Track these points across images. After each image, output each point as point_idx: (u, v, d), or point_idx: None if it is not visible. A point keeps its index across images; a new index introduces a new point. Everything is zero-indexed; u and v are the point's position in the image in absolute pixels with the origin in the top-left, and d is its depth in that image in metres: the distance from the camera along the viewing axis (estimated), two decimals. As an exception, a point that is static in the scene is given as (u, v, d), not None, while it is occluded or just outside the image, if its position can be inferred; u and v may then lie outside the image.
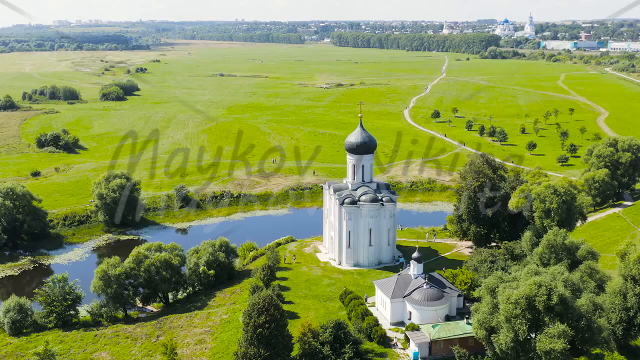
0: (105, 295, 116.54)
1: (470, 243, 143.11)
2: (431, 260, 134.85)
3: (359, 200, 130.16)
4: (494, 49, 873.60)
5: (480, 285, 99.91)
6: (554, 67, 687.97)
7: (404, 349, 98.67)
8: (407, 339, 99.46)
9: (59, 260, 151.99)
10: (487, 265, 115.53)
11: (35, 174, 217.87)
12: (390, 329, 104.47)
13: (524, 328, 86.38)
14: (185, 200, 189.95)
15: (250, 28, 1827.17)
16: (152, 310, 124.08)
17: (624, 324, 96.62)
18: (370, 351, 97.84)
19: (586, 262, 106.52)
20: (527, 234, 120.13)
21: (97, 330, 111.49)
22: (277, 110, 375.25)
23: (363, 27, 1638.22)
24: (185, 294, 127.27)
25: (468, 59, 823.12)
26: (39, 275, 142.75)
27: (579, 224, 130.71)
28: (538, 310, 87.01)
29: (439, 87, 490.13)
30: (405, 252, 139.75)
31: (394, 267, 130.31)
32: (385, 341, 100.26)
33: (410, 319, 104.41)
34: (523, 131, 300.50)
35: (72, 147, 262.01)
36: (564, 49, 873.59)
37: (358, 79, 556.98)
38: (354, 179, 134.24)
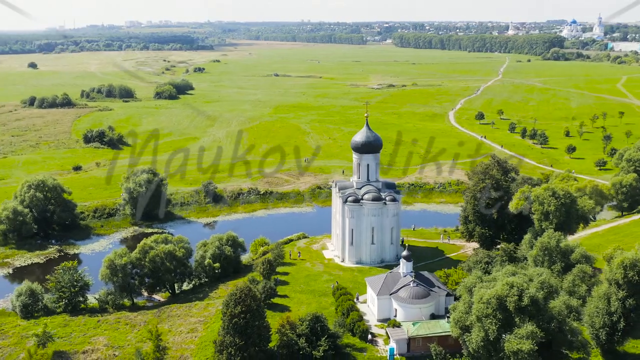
0: (112, 284, 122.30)
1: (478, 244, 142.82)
2: (435, 260, 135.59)
3: (361, 199, 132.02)
4: (557, 51, 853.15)
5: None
6: (617, 69, 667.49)
7: (386, 345, 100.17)
8: (388, 335, 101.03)
9: (83, 250, 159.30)
10: (481, 266, 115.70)
11: (77, 168, 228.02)
12: (376, 325, 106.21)
13: (494, 328, 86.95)
14: (213, 196, 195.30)
15: (314, 29, 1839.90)
16: (159, 300, 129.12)
17: (607, 329, 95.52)
18: (350, 346, 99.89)
19: (579, 265, 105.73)
20: (527, 237, 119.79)
21: (102, 316, 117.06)
22: (322, 110, 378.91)
23: (427, 27, 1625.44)
24: (191, 285, 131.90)
25: (529, 61, 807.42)
26: (59, 263, 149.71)
27: (586, 229, 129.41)
28: (509, 310, 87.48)
29: (491, 89, 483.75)
30: (414, 252, 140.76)
31: (396, 265, 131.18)
32: (366, 337, 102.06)
33: (395, 316, 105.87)
34: (567, 134, 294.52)
35: (116, 143, 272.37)
36: (632, 51, 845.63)
37: (411, 80, 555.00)
38: (359, 178, 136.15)
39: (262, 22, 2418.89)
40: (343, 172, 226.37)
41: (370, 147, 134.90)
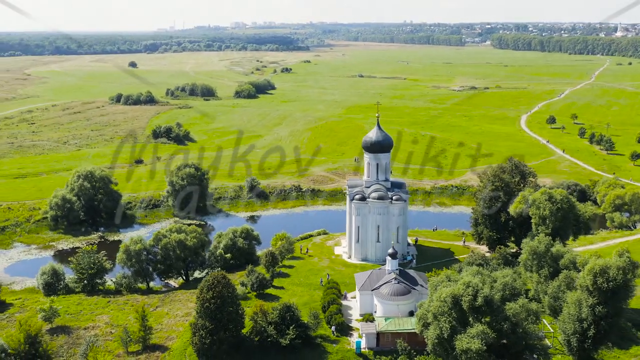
0: (127, 268, 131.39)
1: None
2: (442, 261, 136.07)
3: (368, 197, 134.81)
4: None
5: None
6: None
7: (360, 339, 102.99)
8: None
9: (122, 237, 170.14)
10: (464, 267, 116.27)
11: (139, 162, 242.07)
12: (356, 320, 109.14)
13: (447, 326, 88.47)
14: (255, 192, 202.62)
15: (413, 30, 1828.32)
16: (173, 286, 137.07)
17: (578, 336, 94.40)
18: (324, 337, 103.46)
19: (565, 271, 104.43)
20: (525, 241, 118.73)
21: (114, 297, 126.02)
22: (393, 111, 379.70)
23: (530, 28, 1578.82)
24: (204, 274, 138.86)
25: (630, 64, 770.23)
26: (101, 249, 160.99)
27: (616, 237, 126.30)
28: (464, 309, 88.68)
29: (577, 93, 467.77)
30: (425, 252, 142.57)
31: (401, 264, 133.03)
32: (343, 329, 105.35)
33: (376, 311, 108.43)
34: (639, 141, 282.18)
35: (182, 139, 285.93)
36: None
37: (496, 82, 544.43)
38: (369, 177, 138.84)
39: (364, 23, 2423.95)
40: (391, 172, 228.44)
41: (380, 146, 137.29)
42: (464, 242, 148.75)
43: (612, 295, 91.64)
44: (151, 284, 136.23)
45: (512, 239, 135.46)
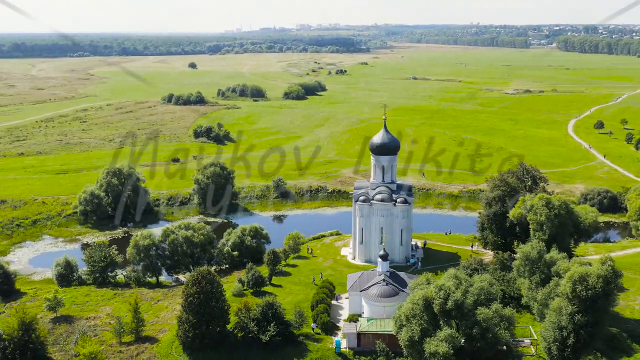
0: (136, 263, 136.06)
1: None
2: (445, 265, 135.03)
3: (372, 199, 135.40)
4: None
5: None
6: None
7: (340, 339, 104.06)
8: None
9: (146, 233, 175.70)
10: (466, 272, 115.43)
11: (175, 160, 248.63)
12: (343, 320, 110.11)
13: (417, 328, 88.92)
14: (281, 192, 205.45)
15: (478, 31, 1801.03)
16: (183, 280, 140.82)
17: (558, 344, 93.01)
18: (308, 335, 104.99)
19: (555, 279, 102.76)
20: (521, 246, 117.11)
21: (121, 290, 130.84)
22: (438, 114, 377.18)
23: (600, 30, 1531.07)
24: (213, 269, 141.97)
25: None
26: (124, 243, 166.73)
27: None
28: (435, 312, 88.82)
29: (635, 97, 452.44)
30: (432, 255, 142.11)
31: (405, 267, 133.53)
32: (328, 329, 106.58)
33: (363, 312, 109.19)
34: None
35: (221, 139, 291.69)
36: None
37: (553, 86, 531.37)
38: (375, 179, 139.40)
39: (429, 25, 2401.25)
40: (423, 175, 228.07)
41: (386, 149, 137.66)
42: (472, 246, 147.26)
43: (591, 303, 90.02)
44: (162, 278, 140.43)
45: (516, 244, 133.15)
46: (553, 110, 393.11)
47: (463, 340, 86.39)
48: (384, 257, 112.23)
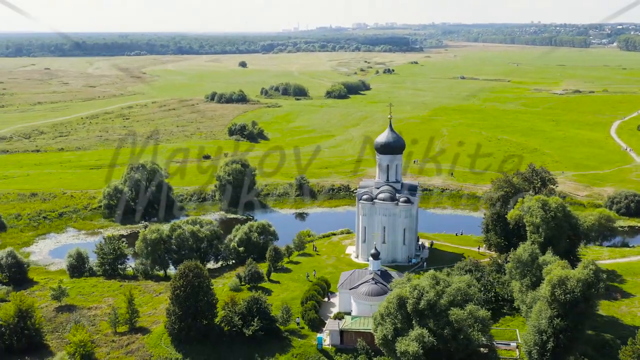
0: (144, 256, 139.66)
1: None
2: (448, 265, 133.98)
3: (375, 198, 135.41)
4: None
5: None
6: None
7: (321, 335, 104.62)
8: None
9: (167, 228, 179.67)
10: (461, 273, 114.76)
11: (206, 157, 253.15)
12: (330, 317, 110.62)
13: (390, 327, 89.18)
14: (303, 190, 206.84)
15: (537, 31, 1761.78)
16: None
17: (538, 347, 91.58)
18: (294, 331, 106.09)
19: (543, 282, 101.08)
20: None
21: (128, 282, 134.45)
22: (479, 114, 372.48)
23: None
24: (218, 265, 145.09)
25: None
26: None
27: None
28: (408, 311, 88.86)
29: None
30: (437, 256, 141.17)
31: (408, 266, 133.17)
32: (315, 325, 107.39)
33: (352, 310, 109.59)
34: None
35: (255, 136, 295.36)
36: None
37: (605, 86, 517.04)
38: (379, 178, 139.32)
39: (487, 24, 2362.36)
40: (452, 174, 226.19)
41: (390, 148, 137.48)
42: (479, 248, 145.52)
43: (571, 308, 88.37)
44: (170, 272, 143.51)
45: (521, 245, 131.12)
46: (599, 111, 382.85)
47: (434, 340, 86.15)
48: (375, 256, 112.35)
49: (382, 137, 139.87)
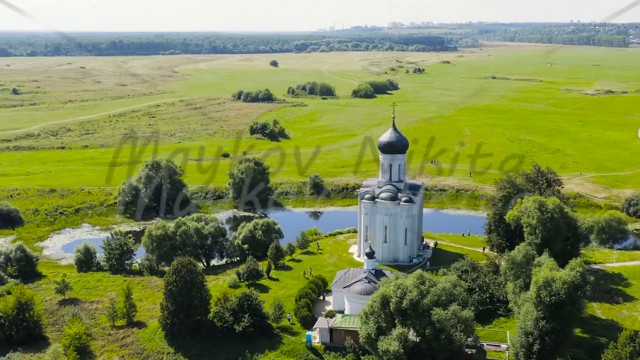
0: (150, 252, 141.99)
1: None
2: (448, 266, 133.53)
3: (377, 197, 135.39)
4: None
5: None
6: None
7: (310, 333, 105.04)
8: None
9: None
10: (457, 274, 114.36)
11: (225, 155, 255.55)
12: (322, 315, 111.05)
13: (373, 326, 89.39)
14: (317, 189, 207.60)
15: (575, 30, 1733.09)
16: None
17: (524, 350, 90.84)
18: (286, 328, 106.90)
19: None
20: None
21: (132, 277, 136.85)
22: (505, 114, 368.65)
23: None
24: (223, 261, 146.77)
25: None
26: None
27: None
28: (391, 311, 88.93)
29: None
30: (440, 256, 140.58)
31: (409, 266, 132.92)
32: (307, 323, 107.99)
33: (345, 309, 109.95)
34: None
35: (276, 135, 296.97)
36: None
37: (639, 87, 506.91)
38: (382, 177, 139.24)
39: (525, 23, 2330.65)
40: (470, 174, 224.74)
41: (393, 147, 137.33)
42: (484, 249, 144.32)
43: (556, 310, 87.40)
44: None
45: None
46: (630, 111, 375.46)
47: (415, 340, 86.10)
48: (370, 255, 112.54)
49: (385, 136, 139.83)
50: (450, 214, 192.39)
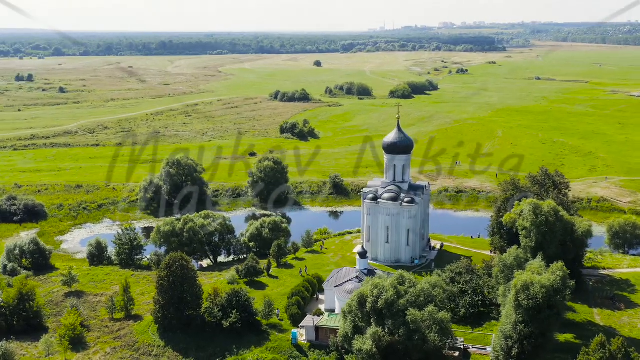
0: (158, 247, 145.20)
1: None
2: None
3: (380, 198, 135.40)
4: None
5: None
6: None
7: (296, 330, 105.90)
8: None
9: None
10: (448, 275, 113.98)
11: (252, 154, 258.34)
12: (311, 314, 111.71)
13: (350, 324, 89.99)
14: (336, 189, 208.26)
15: (632, 30, 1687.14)
16: (202, 266, 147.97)
17: (504, 353, 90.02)
18: (275, 325, 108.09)
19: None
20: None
21: (140, 272, 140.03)
22: (542, 115, 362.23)
23: None
24: (230, 258, 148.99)
25: None
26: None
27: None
28: (367, 310, 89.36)
29: None
30: (445, 257, 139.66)
31: (410, 267, 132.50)
32: (297, 320, 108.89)
33: (335, 307, 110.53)
34: None
35: (305, 135, 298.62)
36: None
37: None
38: (387, 178, 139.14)
39: (580, 22, 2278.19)
40: (497, 175, 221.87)
41: (397, 148, 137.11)
42: (492, 251, 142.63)
43: (535, 314, 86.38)
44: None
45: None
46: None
47: (389, 339, 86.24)
48: (362, 255, 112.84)
49: (390, 136, 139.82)
50: (469, 216, 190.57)
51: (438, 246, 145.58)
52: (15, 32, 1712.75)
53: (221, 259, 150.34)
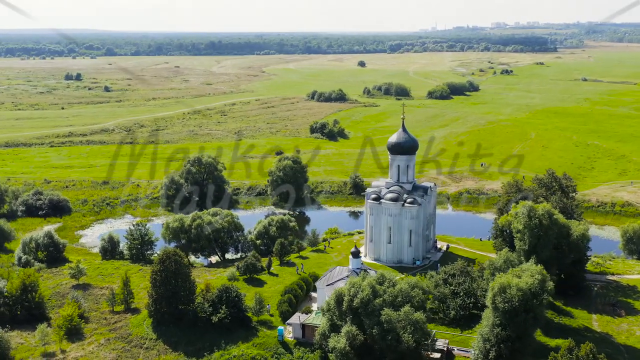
0: (167, 243, 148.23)
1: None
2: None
3: (382, 198, 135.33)
4: None
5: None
6: None
7: (282, 327, 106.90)
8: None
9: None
10: (441, 277, 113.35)
11: (279, 153, 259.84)
12: (300, 311, 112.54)
13: (327, 322, 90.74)
14: (356, 188, 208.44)
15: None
16: (210, 262, 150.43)
17: (482, 356, 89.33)
18: (265, 322, 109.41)
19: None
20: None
21: (148, 266, 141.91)
22: (583, 117, 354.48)
23: None
24: (238, 255, 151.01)
25: None
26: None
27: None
28: (344, 308, 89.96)
29: None
30: (450, 258, 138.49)
31: (412, 268, 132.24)
32: (286, 317, 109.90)
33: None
34: None
35: (335, 135, 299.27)
36: None
37: None
38: (391, 178, 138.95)
39: (637, 23, 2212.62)
40: (523, 177, 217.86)
41: (401, 148, 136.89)
42: (497, 254, 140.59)
43: (511, 317, 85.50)
44: (198, 260, 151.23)
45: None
46: None
47: (362, 338, 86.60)
48: (355, 254, 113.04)
49: (394, 137, 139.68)
50: (488, 218, 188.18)
51: (444, 248, 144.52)
52: (77, 33, 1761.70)
53: (229, 256, 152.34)
